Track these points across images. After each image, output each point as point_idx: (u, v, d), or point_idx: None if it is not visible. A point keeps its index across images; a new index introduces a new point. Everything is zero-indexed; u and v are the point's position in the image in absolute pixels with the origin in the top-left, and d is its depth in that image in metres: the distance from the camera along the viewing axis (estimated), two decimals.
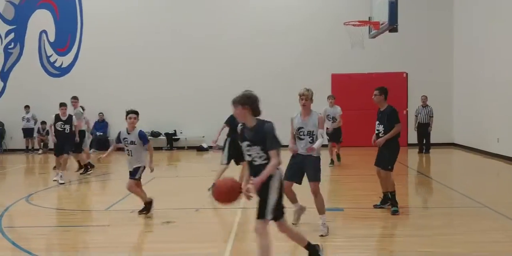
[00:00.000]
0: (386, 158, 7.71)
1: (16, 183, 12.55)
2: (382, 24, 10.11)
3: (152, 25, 18.80)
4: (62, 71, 19.37)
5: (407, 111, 17.95)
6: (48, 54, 19.39)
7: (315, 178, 6.63)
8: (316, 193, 6.67)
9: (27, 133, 18.88)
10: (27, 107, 18.78)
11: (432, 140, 16.60)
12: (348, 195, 9.57)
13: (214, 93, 18.17)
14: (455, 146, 18.05)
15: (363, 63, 18.05)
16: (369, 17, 11.19)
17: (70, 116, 11.81)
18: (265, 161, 4.73)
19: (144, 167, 7.95)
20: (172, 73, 18.82)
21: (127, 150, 7.77)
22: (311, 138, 6.63)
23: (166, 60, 18.86)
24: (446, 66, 18.46)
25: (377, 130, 7.87)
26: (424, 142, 16.50)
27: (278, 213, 4.88)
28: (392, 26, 9.35)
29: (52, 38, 19.36)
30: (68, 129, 11.71)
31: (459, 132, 18.11)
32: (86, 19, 19.15)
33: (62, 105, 11.85)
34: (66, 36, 19.27)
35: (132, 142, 7.76)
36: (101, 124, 18.84)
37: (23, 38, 19.38)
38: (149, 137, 18.59)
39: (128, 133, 7.76)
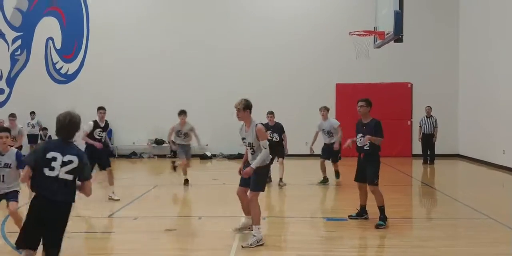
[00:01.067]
0: (371, 173, 7.65)
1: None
2: (387, 34, 10.12)
3: (158, 33, 18.90)
4: (68, 78, 19.45)
5: (411, 122, 17.90)
6: (54, 61, 19.48)
7: (252, 188, 6.66)
8: (251, 202, 6.64)
9: (32, 139, 18.88)
10: (32, 113, 18.82)
11: (437, 151, 16.53)
12: (352, 205, 9.51)
13: (218, 103, 18.20)
14: (460, 157, 17.97)
15: (368, 73, 18.08)
16: (374, 27, 11.21)
17: (107, 123, 10.32)
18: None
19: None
20: (176, 81, 18.85)
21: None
22: (252, 149, 6.74)
23: (171, 67, 18.92)
24: (451, 77, 18.44)
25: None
26: (429, 153, 16.44)
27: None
28: (398, 36, 9.35)
29: (58, 45, 19.46)
30: (104, 138, 10.21)
31: (464, 143, 18.04)
32: (92, 26, 19.25)
33: (101, 108, 10.25)
34: (73, 43, 19.38)
35: (7, 165, 6.42)
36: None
37: (30, 44, 19.50)
38: (153, 145, 19.03)
39: (2, 154, 6.41)
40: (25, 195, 6.70)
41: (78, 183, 4.84)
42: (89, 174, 4.87)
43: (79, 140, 9.98)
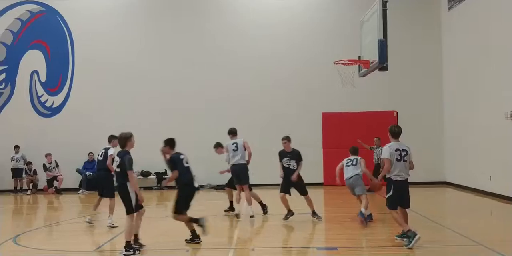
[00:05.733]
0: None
1: (4, 224, 12.26)
2: (372, 62, 10.27)
3: (144, 65, 19.00)
4: (53, 111, 19.34)
5: None
6: (39, 94, 19.40)
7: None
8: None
9: (16, 173, 18.61)
10: (16, 147, 18.60)
11: (424, 179, 16.57)
12: (343, 233, 9.43)
13: (204, 135, 18.19)
14: (447, 185, 18.01)
15: (354, 102, 18.26)
16: (359, 56, 11.39)
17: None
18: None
19: None
20: (160, 113, 18.85)
21: None
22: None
23: (155, 99, 18.94)
24: (436, 103, 18.63)
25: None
26: None
27: None
28: (382, 64, 9.50)
29: (43, 78, 19.42)
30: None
31: (451, 170, 18.11)
32: (77, 59, 19.29)
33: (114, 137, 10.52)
34: (58, 76, 19.36)
35: None
36: (91, 164, 18.62)
37: (15, 78, 19.42)
38: (139, 177, 18.78)
39: None
40: None
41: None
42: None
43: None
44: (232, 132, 11.78)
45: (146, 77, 19.02)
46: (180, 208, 8.35)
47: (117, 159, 7.93)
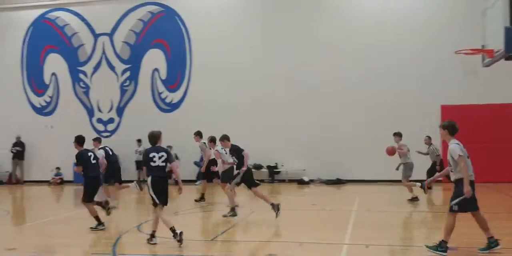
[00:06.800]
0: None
1: (128, 213, 13.11)
2: (496, 51, 9.53)
3: (259, 61, 19.27)
4: (173, 107, 20.32)
5: None
6: (160, 91, 20.47)
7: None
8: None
9: (140, 165, 19.83)
10: (139, 141, 19.79)
11: None
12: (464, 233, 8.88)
13: (317, 129, 18.20)
14: None
15: (476, 94, 17.05)
16: (482, 45, 10.63)
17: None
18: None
19: None
20: (276, 108, 19.02)
21: None
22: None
23: (271, 94, 19.06)
24: None
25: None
26: None
27: None
28: (509, 53, 8.76)
29: (163, 75, 20.47)
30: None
31: None
32: (194, 57, 20.05)
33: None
34: (176, 73, 20.29)
35: None
36: None
37: (137, 76, 20.67)
38: (253, 170, 19.01)
39: None
40: None
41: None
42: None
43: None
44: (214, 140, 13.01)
45: (261, 74, 19.25)
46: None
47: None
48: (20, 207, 15.65)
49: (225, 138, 11.12)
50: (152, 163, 8.20)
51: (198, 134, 13.85)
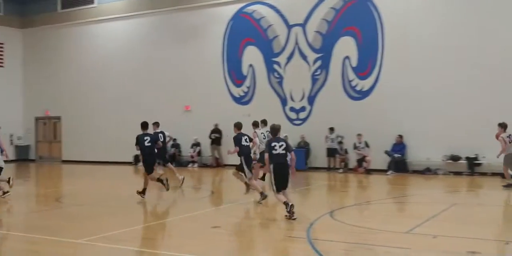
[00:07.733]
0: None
1: (320, 199, 13.37)
2: None
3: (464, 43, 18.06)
4: (363, 94, 20.08)
5: None
6: (350, 79, 20.36)
7: None
8: None
9: (331, 153, 20.09)
10: (331, 129, 20.00)
11: None
12: None
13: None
14: None
15: None
16: None
17: None
18: None
19: None
20: (475, 92, 17.63)
21: None
22: None
23: (471, 81, 17.78)
24: None
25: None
26: None
27: None
28: None
29: (354, 63, 20.30)
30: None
31: None
32: (387, 43, 19.50)
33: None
34: (367, 60, 19.96)
35: None
36: (399, 146, 18.78)
37: (328, 64, 20.82)
38: (448, 161, 18.04)
39: None
40: None
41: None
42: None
43: None
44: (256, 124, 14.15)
45: (465, 59, 18.04)
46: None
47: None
48: (218, 188, 16.93)
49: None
50: (274, 151, 9.52)
51: None
